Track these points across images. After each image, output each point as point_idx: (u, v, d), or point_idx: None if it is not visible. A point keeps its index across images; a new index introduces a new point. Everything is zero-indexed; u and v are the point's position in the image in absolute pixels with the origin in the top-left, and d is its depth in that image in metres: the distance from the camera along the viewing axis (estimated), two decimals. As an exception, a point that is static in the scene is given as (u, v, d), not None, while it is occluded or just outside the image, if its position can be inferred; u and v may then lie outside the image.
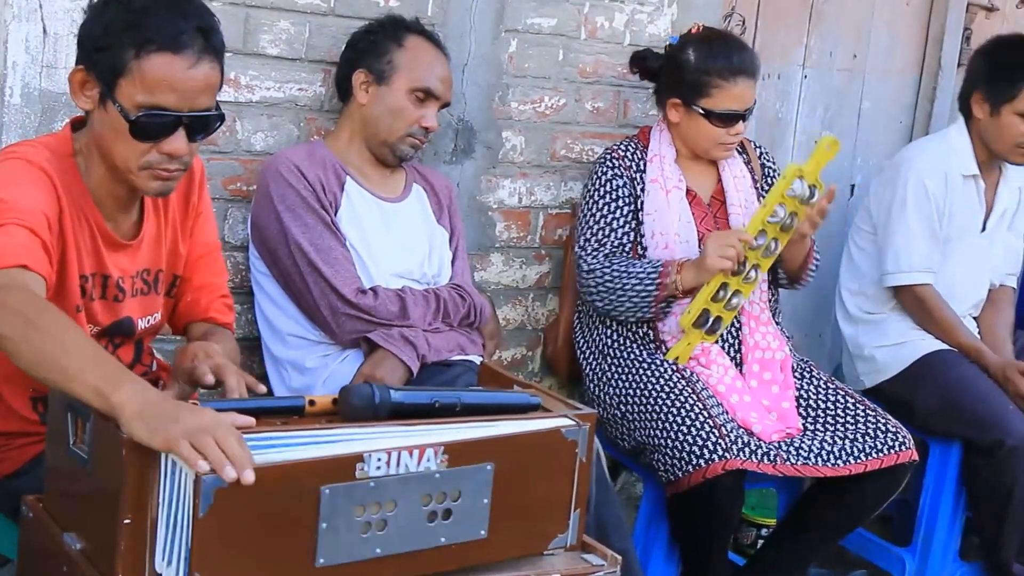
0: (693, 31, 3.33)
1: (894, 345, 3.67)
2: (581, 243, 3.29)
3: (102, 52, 2.10)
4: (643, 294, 3.17)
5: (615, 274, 3.19)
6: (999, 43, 3.79)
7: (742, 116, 3.24)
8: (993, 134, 3.66)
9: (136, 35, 2.07)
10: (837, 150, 3.12)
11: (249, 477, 1.70)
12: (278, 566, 1.81)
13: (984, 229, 3.77)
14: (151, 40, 2.07)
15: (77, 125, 2.25)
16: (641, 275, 3.16)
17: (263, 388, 2.21)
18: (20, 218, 2.02)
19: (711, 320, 3.16)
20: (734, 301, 3.16)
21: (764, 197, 3.25)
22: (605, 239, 3.25)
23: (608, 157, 3.33)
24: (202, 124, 2.15)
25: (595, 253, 3.25)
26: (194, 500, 1.72)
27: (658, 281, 3.15)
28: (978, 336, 3.70)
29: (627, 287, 3.17)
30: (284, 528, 1.80)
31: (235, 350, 2.47)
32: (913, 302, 3.66)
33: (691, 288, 3.15)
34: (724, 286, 3.13)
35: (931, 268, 3.64)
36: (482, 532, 1.99)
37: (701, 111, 3.24)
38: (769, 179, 3.45)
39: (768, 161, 3.49)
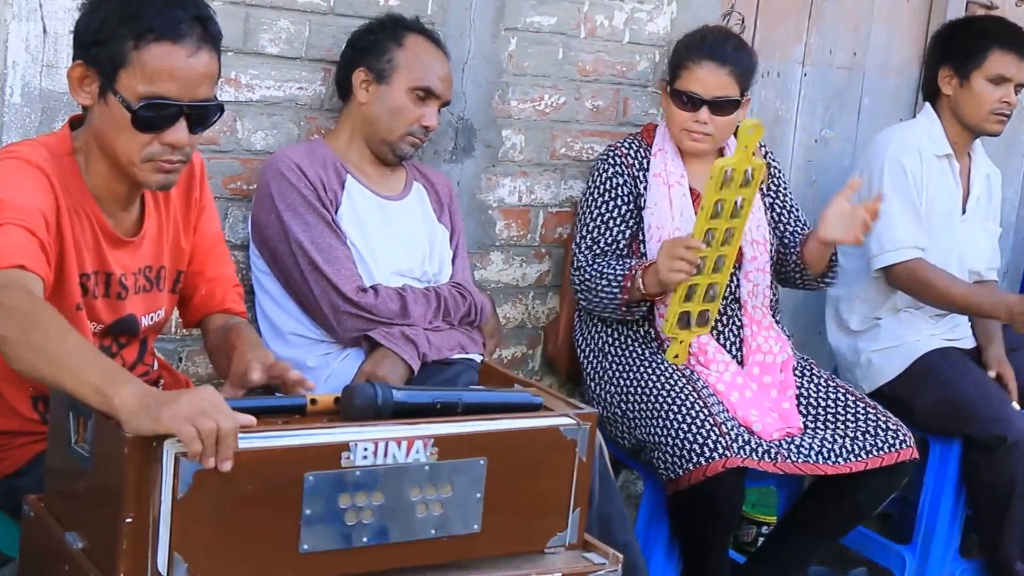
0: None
1: (890, 348, 3.66)
2: (577, 240, 3.30)
3: (101, 45, 2.10)
4: (610, 296, 3.16)
5: (593, 274, 3.19)
6: (957, 23, 3.92)
7: (707, 103, 3.20)
8: (966, 106, 3.68)
9: (135, 25, 2.08)
10: (761, 131, 3.01)
11: (226, 467, 1.74)
12: (262, 550, 1.82)
13: (964, 212, 3.77)
14: (150, 29, 2.07)
15: (75, 124, 2.26)
16: (611, 277, 3.16)
17: (311, 383, 2.23)
18: (17, 218, 2.02)
19: (694, 317, 3.14)
20: (712, 292, 3.13)
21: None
22: (600, 237, 3.26)
23: (610, 154, 3.33)
24: (202, 115, 2.16)
25: (587, 251, 3.25)
26: (173, 481, 1.73)
27: (622, 285, 3.14)
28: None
29: (599, 288, 3.17)
30: (268, 513, 1.82)
31: (257, 338, 2.48)
32: (907, 277, 3.58)
33: (659, 292, 3.11)
34: (693, 287, 3.08)
35: (916, 244, 3.59)
36: (475, 527, 1.99)
37: (669, 91, 3.26)
38: (773, 177, 3.43)
39: (772, 160, 3.47)
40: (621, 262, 3.20)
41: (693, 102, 3.21)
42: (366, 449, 1.87)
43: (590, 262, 3.22)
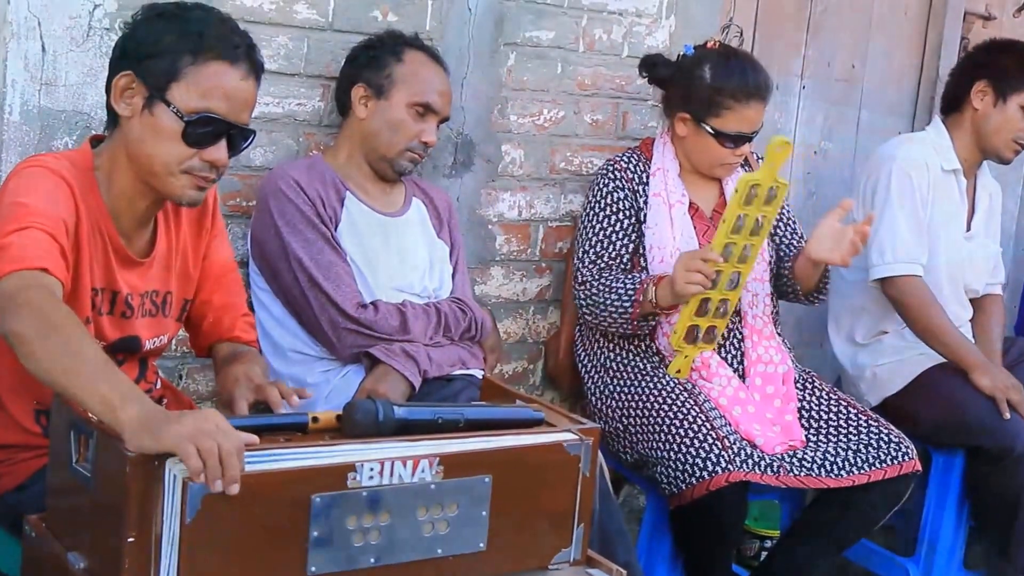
0: (710, 46, 3.30)
1: (894, 362, 3.64)
2: (579, 255, 3.29)
3: (154, 59, 2.16)
4: (620, 311, 3.15)
5: (601, 288, 3.18)
6: (1008, 42, 3.82)
7: (749, 138, 3.24)
8: (994, 125, 3.65)
9: (196, 42, 2.15)
10: (789, 150, 3.02)
11: (233, 490, 1.73)
12: (270, 574, 1.81)
13: (969, 229, 3.76)
14: (211, 48, 2.15)
15: (95, 143, 2.29)
16: (621, 291, 3.15)
17: (310, 393, 2.28)
18: (41, 223, 2.05)
19: (702, 332, 3.14)
20: (723, 309, 3.13)
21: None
22: (603, 251, 3.25)
23: (610, 169, 3.33)
24: (240, 138, 2.22)
25: (591, 266, 3.24)
26: (181, 506, 1.73)
27: (634, 299, 3.13)
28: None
29: (608, 302, 3.16)
30: (275, 536, 1.81)
31: (265, 367, 2.50)
32: (898, 295, 3.56)
33: (671, 305, 3.11)
34: (706, 301, 3.08)
35: (917, 260, 3.57)
36: (481, 545, 1.99)
37: (710, 130, 3.21)
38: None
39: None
40: (629, 276, 3.19)
41: (740, 140, 3.22)
42: (372, 469, 1.86)
43: (595, 276, 3.21)
